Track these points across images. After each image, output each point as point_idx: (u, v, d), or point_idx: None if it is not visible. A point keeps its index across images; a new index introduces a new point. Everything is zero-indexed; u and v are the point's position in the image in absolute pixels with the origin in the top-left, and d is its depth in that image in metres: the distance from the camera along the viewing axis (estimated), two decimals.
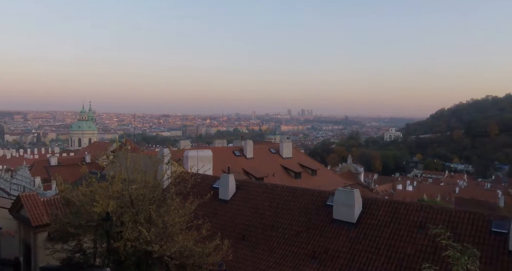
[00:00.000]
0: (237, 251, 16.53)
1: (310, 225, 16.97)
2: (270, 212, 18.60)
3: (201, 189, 19.44)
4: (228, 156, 37.07)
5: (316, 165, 44.34)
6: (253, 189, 20.75)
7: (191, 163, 24.54)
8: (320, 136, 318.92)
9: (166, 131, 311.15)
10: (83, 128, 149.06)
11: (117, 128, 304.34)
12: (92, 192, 14.04)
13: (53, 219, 15.59)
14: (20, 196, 21.98)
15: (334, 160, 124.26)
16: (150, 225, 13.32)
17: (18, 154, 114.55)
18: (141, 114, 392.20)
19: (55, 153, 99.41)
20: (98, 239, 14.75)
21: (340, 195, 16.81)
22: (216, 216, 19.36)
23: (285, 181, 33.72)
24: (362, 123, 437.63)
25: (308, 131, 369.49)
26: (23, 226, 22.27)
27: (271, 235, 17.38)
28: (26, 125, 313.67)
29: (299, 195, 18.83)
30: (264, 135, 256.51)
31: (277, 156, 41.60)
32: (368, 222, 15.92)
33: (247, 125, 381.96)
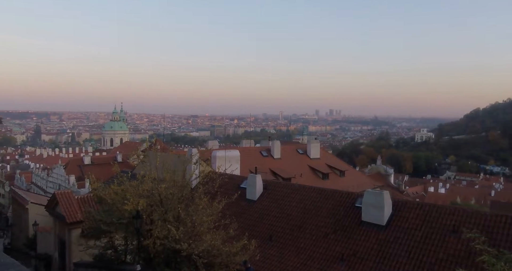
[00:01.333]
0: (264, 251, 16.53)
1: (338, 227, 16.76)
2: (298, 213, 18.49)
3: (229, 188, 19.58)
4: (255, 156, 37.14)
5: (344, 166, 43.74)
6: (280, 190, 20.69)
7: (219, 163, 24.75)
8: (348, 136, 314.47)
9: (194, 132, 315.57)
10: (115, 129, 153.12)
11: (147, 128, 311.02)
12: (123, 190, 14.36)
13: (87, 216, 16.07)
14: (56, 194, 22.83)
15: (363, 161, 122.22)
16: (179, 224, 13.50)
17: (54, 153, 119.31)
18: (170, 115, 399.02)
19: (89, 152, 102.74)
20: (129, 236, 15.09)
21: (369, 197, 16.51)
22: (243, 216, 19.43)
23: (312, 182, 33.44)
24: (392, 124, 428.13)
25: (336, 132, 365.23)
26: (58, 223, 23.08)
27: (298, 236, 17.27)
28: (62, 125, 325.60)
29: (327, 196, 18.63)
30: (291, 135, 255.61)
31: (304, 156, 41.32)
32: (399, 224, 15.55)
33: (274, 125, 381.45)
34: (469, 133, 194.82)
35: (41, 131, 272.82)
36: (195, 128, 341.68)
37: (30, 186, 67.25)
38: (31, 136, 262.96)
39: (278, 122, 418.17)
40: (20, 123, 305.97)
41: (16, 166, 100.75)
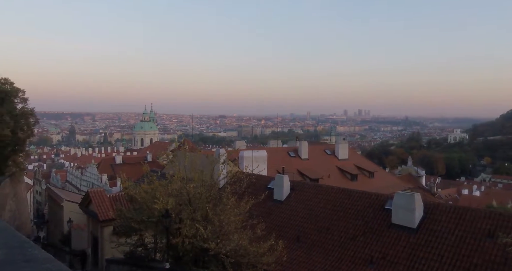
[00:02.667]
0: (292, 252, 16.46)
1: (367, 229, 16.48)
2: (325, 214, 18.31)
3: (256, 189, 19.62)
4: (282, 157, 37.06)
5: (373, 167, 42.96)
6: (308, 190, 20.56)
7: (246, 163, 24.85)
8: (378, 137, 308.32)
9: (222, 132, 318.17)
10: (145, 129, 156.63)
11: (176, 128, 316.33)
12: (153, 189, 14.65)
13: (118, 214, 16.50)
14: (89, 192, 23.60)
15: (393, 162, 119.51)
16: (207, 223, 13.65)
17: (87, 152, 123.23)
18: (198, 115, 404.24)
19: (120, 152, 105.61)
20: (158, 234, 15.39)
21: (399, 199, 16.15)
22: (270, 216, 19.43)
23: (341, 183, 33.01)
24: (424, 124, 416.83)
25: (365, 132, 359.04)
26: (92, 220, 23.83)
27: (326, 238, 17.11)
28: (95, 125, 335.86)
29: (356, 198, 18.36)
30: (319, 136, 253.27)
31: (332, 157, 40.89)
32: (430, 227, 15.12)
33: (302, 126, 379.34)
34: (505, 134, 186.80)
35: (75, 131, 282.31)
36: (222, 129, 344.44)
37: (65, 184, 69.73)
38: (66, 135, 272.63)
39: (305, 122, 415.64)
40: (55, 124, 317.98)
41: (52, 164, 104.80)
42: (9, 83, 29.20)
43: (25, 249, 1.29)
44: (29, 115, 30.26)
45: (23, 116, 29.15)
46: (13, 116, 26.98)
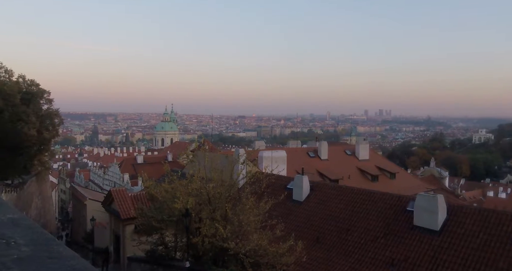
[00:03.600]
0: (311, 253, 16.37)
1: (388, 231, 16.23)
2: (345, 215, 18.14)
3: (275, 189, 19.61)
4: (302, 157, 36.90)
5: (395, 168, 42.31)
6: (327, 191, 20.42)
7: (266, 163, 24.83)
8: (399, 137, 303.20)
9: (241, 132, 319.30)
10: (165, 129, 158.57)
11: (196, 129, 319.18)
12: (173, 189, 14.85)
13: (139, 213, 16.78)
14: (111, 191, 24.07)
15: (415, 163, 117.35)
16: (226, 223, 13.74)
17: (110, 152, 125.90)
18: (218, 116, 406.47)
19: (141, 152, 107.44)
20: (178, 233, 15.58)
21: (422, 200, 15.85)
22: (289, 217, 19.38)
23: (361, 184, 32.65)
24: (447, 124, 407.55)
25: (386, 132, 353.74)
26: (114, 218, 24.29)
27: (346, 239, 16.94)
28: (117, 126, 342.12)
29: (377, 199, 18.12)
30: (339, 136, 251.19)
31: (353, 157, 40.47)
32: (454, 230, 14.78)
33: (321, 126, 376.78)
34: None
35: (98, 131, 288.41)
36: (242, 129, 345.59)
37: (88, 183, 71.35)
38: (89, 136, 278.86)
39: (325, 122, 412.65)
40: (79, 124, 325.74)
41: (75, 164, 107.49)
42: (35, 84, 30.06)
43: (51, 246, 1.33)
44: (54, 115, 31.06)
45: (48, 116, 29.95)
46: (39, 117, 27.73)
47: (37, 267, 1.14)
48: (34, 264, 1.16)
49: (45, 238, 1.42)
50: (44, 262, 1.18)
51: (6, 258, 1.17)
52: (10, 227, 1.53)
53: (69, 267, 1.17)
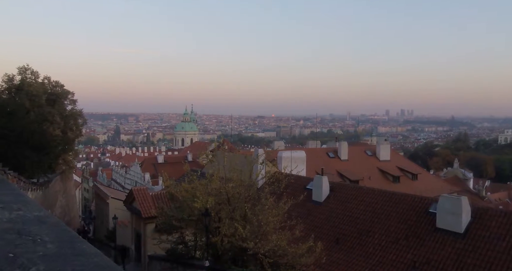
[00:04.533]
0: (331, 254, 16.24)
1: (410, 233, 15.95)
2: (366, 217, 17.92)
3: (295, 189, 19.53)
4: (321, 157, 36.66)
5: (417, 169, 41.54)
6: (347, 192, 20.21)
7: (285, 164, 24.76)
8: (421, 137, 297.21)
9: (261, 132, 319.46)
10: (185, 129, 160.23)
11: (216, 129, 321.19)
12: (193, 188, 14.97)
13: (160, 212, 17.00)
14: (133, 190, 24.46)
15: (437, 164, 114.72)
16: (245, 223, 13.76)
17: (131, 152, 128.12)
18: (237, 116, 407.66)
19: (162, 152, 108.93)
20: (198, 233, 15.70)
21: (445, 202, 15.51)
22: (309, 218, 19.27)
23: (382, 185, 32.18)
24: (472, 124, 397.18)
25: (408, 133, 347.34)
26: (135, 217, 24.68)
27: (366, 241, 16.73)
28: (138, 126, 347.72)
29: (398, 200, 17.82)
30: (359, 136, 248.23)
31: (373, 158, 39.94)
32: (479, 233, 14.39)
33: (341, 126, 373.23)
34: None
35: (120, 131, 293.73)
36: (261, 129, 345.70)
37: (110, 182, 72.75)
38: (111, 135, 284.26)
39: (345, 123, 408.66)
40: (102, 124, 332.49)
41: (98, 163, 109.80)
42: (60, 86, 30.88)
43: (75, 244, 1.36)
44: (78, 116, 31.83)
45: (72, 117, 30.71)
46: (63, 117, 28.47)
47: (62, 263, 1.17)
48: (59, 261, 1.19)
49: (69, 236, 1.46)
50: (69, 259, 1.21)
51: (33, 254, 1.21)
52: (36, 224, 1.57)
53: (93, 264, 1.20)
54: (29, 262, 1.14)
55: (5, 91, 27.52)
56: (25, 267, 1.11)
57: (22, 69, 28.66)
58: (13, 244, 1.29)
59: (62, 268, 1.13)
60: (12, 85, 27.84)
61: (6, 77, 28.09)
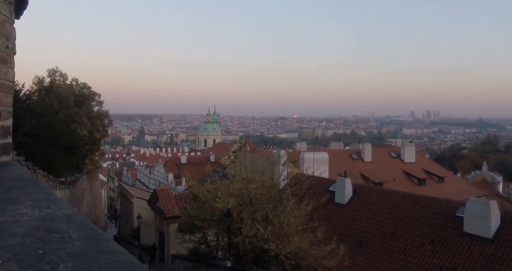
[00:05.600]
0: (354, 257, 16.03)
1: (436, 237, 15.55)
2: (390, 220, 17.59)
3: (317, 191, 19.38)
4: (344, 159, 36.23)
5: (443, 172, 40.52)
6: (371, 194, 19.90)
7: (307, 165, 24.60)
8: (448, 139, 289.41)
9: (283, 133, 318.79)
10: (208, 130, 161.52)
11: (238, 130, 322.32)
12: (215, 189, 15.06)
13: (183, 212, 17.18)
14: (157, 190, 24.83)
15: (465, 166, 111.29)
16: (267, 224, 13.74)
17: (155, 152, 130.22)
18: (259, 117, 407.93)
19: (185, 152, 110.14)
20: (220, 233, 15.79)
21: (473, 206, 15.05)
22: (331, 220, 19.08)
23: (407, 188, 31.50)
24: (501, 126, 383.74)
25: (434, 134, 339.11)
26: (159, 216, 25.03)
27: (390, 244, 16.42)
28: (162, 127, 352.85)
29: (424, 204, 17.42)
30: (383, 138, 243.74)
31: (398, 160, 39.20)
32: (509, 238, 13.90)
33: (365, 127, 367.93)
34: None
35: (144, 132, 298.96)
36: (283, 130, 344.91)
37: (135, 181, 74.07)
38: (136, 136, 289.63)
39: (369, 124, 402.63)
40: (127, 125, 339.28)
41: (123, 163, 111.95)
42: (87, 87, 31.72)
43: (101, 242, 1.39)
44: (104, 117, 32.60)
45: (99, 118, 31.48)
46: (90, 118, 29.21)
47: (89, 261, 1.19)
48: (86, 258, 1.22)
49: (96, 234, 1.49)
50: (96, 257, 1.24)
51: (61, 251, 1.24)
52: (64, 222, 1.61)
53: (118, 262, 1.22)
54: (57, 259, 1.17)
55: (35, 93, 28.48)
56: (53, 263, 1.14)
57: (51, 72, 29.60)
58: (43, 241, 1.33)
59: (89, 265, 1.15)
60: (42, 87, 28.79)
61: (36, 80, 29.08)
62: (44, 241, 1.32)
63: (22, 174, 2.75)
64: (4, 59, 2.95)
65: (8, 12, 3.01)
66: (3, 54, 2.92)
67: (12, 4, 3.08)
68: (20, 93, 24.05)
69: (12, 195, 2.03)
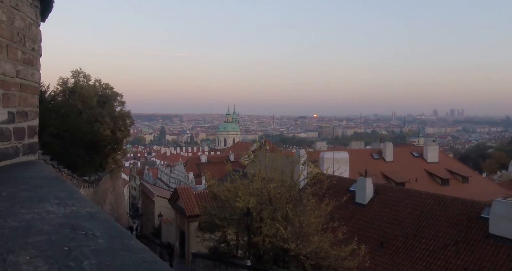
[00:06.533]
0: (375, 258, 15.81)
1: (460, 238, 15.18)
2: (412, 220, 17.27)
3: (337, 191, 19.21)
4: (365, 159, 35.79)
5: (467, 172, 39.51)
6: (392, 194, 19.59)
7: (327, 165, 24.43)
8: (473, 139, 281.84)
9: (302, 133, 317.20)
10: (228, 130, 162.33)
11: (258, 129, 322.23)
12: (235, 188, 15.10)
13: (203, 211, 17.31)
14: (177, 189, 25.11)
15: (491, 166, 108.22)
16: (287, 223, 13.71)
17: (176, 151, 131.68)
18: (279, 116, 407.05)
19: (205, 152, 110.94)
20: (240, 232, 15.83)
21: (499, 207, 14.63)
22: (352, 220, 18.88)
23: (430, 188, 30.86)
24: None
25: (458, 133, 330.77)
26: (179, 215, 25.30)
27: (413, 245, 16.13)
28: (182, 126, 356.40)
29: (447, 204, 17.03)
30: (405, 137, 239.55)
31: (420, 160, 38.47)
32: None
33: (386, 126, 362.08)
34: None
35: (165, 131, 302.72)
36: (303, 129, 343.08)
37: (156, 180, 75.05)
38: (157, 136, 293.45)
39: (390, 123, 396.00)
40: (148, 125, 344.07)
41: (145, 162, 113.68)
42: (110, 88, 32.33)
43: (124, 239, 1.41)
44: (126, 117, 33.15)
45: (121, 117, 32.02)
46: (113, 118, 29.74)
47: (112, 258, 1.21)
48: (110, 255, 1.24)
49: (119, 232, 1.51)
50: (119, 254, 1.26)
51: (85, 248, 1.26)
52: (88, 219, 1.65)
53: (140, 259, 1.24)
54: (82, 256, 1.19)
55: (60, 94, 29.20)
56: (78, 260, 1.16)
57: (75, 73, 30.30)
58: (68, 238, 1.36)
59: (112, 262, 1.17)
60: (67, 88, 29.50)
61: (61, 81, 29.82)
62: (69, 238, 1.35)
63: (48, 173, 2.83)
64: (31, 61, 3.04)
65: (34, 15, 3.10)
66: (29, 57, 3.01)
67: (38, 7, 3.17)
68: (45, 95, 24.70)
69: (38, 193, 2.08)
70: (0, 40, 2.52)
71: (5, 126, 2.62)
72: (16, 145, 2.79)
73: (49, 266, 1.11)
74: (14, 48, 2.73)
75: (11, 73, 2.68)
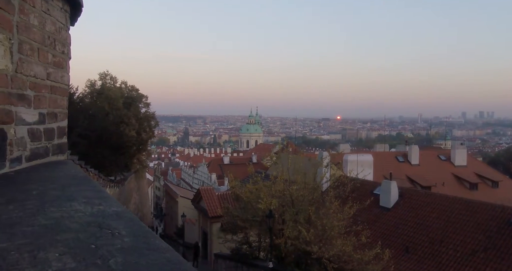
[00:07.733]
0: (399, 263, 15.49)
1: (490, 245, 14.69)
2: (439, 225, 16.83)
3: (361, 194, 18.93)
4: (390, 161, 35.17)
5: (497, 176, 38.21)
6: (418, 198, 19.16)
7: (350, 167, 24.10)
8: (503, 142, 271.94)
9: (325, 135, 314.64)
10: (250, 131, 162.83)
11: (280, 131, 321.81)
12: (258, 189, 15.11)
13: (225, 212, 17.39)
14: (200, 190, 25.35)
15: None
16: (309, 226, 13.60)
17: (199, 152, 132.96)
18: (302, 118, 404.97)
19: (227, 153, 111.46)
20: (262, 234, 15.81)
21: None
22: (376, 224, 18.56)
23: (457, 192, 30.02)
24: None
25: (487, 136, 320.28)
26: (202, 216, 25.52)
27: (439, 251, 15.71)
28: (205, 128, 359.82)
29: (476, 209, 16.52)
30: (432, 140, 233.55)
31: (448, 163, 37.48)
32: None
33: (412, 129, 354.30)
34: None
35: (189, 133, 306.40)
36: (326, 131, 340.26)
37: (179, 181, 75.96)
38: (181, 137, 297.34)
39: (416, 125, 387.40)
40: (172, 126, 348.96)
41: (169, 163, 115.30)
42: (135, 90, 32.97)
43: (148, 239, 1.43)
44: (151, 118, 33.69)
45: (146, 119, 32.57)
46: (138, 119, 30.29)
47: (137, 257, 1.23)
48: (135, 254, 1.26)
49: (144, 231, 1.54)
50: (144, 253, 1.28)
51: (112, 247, 1.29)
52: (114, 219, 1.68)
53: (165, 259, 1.26)
54: (108, 254, 1.22)
55: (87, 96, 30.00)
56: (104, 258, 1.19)
57: (102, 75, 31.05)
58: (95, 237, 1.39)
59: (137, 261, 1.19)
60: (94, 90, 30.27)
61: (88, 83, 30.64)
62: (96, 236, 1.38)
63: (76, 172, 2.91)
64: (61, 64, 3.14)
65: (64, 19, 3.20)
66: (59, 59, 3.10)
67: (67, 12, 3.27)
68: (74, 96, 25.44)
69: (66, 192, 2.15)
70: (32, 44, 2.61)
71: (36, 127, 2.71)
72: (46, 145, 2.88)
73: (77, 263, 1.14)
74: (45, 51, 2.82)
75: (42, 75, 2.78)
